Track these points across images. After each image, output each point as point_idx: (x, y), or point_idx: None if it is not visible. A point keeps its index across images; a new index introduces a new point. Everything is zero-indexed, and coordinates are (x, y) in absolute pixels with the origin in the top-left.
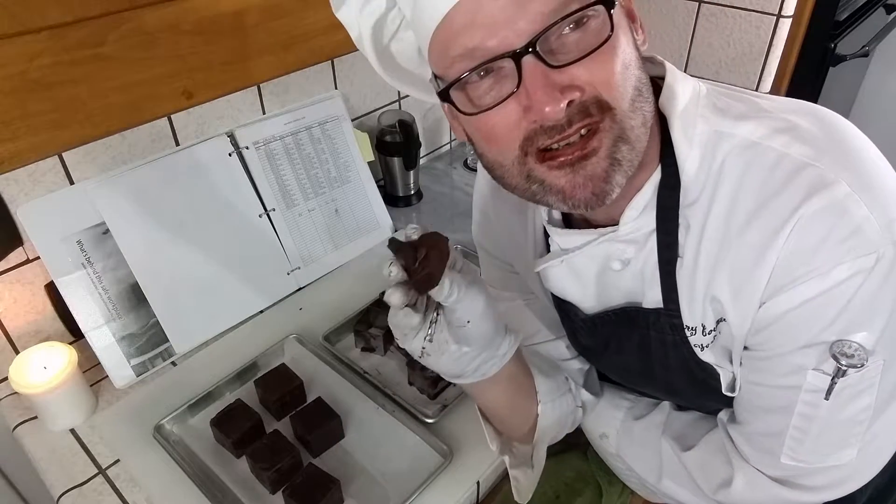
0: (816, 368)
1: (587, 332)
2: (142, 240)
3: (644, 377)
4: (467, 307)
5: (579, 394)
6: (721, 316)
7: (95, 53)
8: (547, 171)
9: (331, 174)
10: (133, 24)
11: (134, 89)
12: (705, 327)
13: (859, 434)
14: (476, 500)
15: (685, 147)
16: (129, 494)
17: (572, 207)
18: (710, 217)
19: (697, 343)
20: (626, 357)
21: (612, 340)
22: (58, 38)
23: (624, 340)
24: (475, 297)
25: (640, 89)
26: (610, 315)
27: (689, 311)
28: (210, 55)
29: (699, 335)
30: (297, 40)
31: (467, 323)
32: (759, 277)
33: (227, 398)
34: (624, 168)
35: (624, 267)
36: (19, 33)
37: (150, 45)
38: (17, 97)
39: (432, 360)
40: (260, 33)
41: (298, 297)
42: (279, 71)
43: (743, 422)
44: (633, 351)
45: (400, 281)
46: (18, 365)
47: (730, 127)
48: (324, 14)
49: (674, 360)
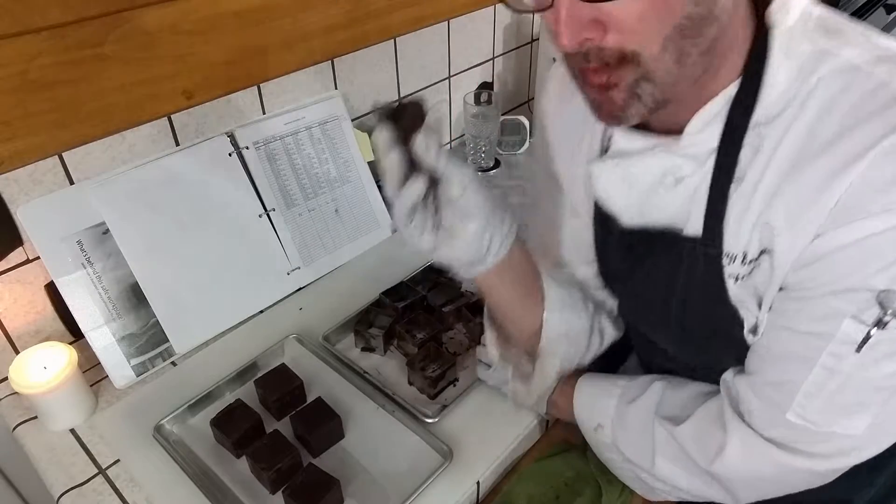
0: (855, 316)
1: (619, 252)
2: (142, 240)
3: (661, 316)
4: (456, 173)
5: (600, 321)
6: (767, 246)
7: (95, 53)
8: (582, 81)
9: (331, 174)
10: (133, 24)
11: (134, 89)
12: (746, 256)
13: (878, 403)
14: (476, 500)
15: (780, 60)
16: (129, 494)
17: (598, 120)
18: (787, 136)
19: (733, 273)
20: (649, 288)
21: (640, 266)
22: (58, 38)
23: (652, 268)
24: (462, 166)
25: (684, 27)
26: (648, 234)
27: (735, 235)
28: (210, 55)
29: (737, 264)
30: (297, 40)
31: (464, 192)
32: (823, 206)
33: (227, 398)
34: (644, 101)
35: (677, 184)
36: (19, 33)
37: (150, 45)
38: (17, 97)
39: (446, 250)
40: (260, 33)
41: (298, 297)
42: (279, 71)
43: (755, 371)
44: (659, 281)
45: (393, 146)
46: (18, 365)
47: (835, 48)
48: (324, 14)
49: (698, 297)
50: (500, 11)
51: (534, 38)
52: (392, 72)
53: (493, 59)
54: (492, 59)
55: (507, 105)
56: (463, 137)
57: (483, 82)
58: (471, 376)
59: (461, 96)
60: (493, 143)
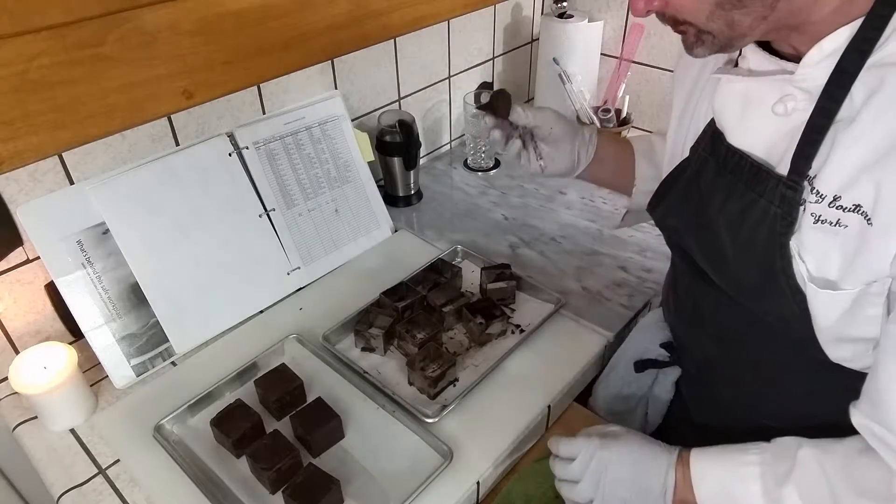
0: None
1: (710, 174)
2: (142, 240)
3: (718, 257)
4: (543, 120)
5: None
6: (866, 208)
7: (95, 53)
8: None
9: (331, 174)
10: (133, 24)
11: (134, 89)
12: (838, 199)
13: None
14: (476, 500)
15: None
16: (129, 494)
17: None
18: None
19: (816, 212)
20: (719, 220)
21: (720, 193)
22: (58, 38)
23: (729, 199)
24: (545, 113)
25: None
26: (741, 162)
27: (834, 174)
28: (210, 55)
29: (824, 205)
30: (297, 40)
31: (551, 130)
32: None
33: (227, 398)
34: (708, 46)
35: (789, 113)
36: (19, 33)
37: (150, 45)
38: (17, 97)
39: (552, 166)
40: (260, 33)
41: (298, 297)
42: (279, 71)
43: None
44: (732, 215)
45: (494, 125)
46: (18, 365)
47: None
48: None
49: (764, 239)
50: (500, 11)
51: (534, 38)
52: (392, 72)
53: (493, 59)
54: (492, 59)
55: None
56: (463, 137)
57: (483, 82)
58: (471, 376)
59: (461, 96)
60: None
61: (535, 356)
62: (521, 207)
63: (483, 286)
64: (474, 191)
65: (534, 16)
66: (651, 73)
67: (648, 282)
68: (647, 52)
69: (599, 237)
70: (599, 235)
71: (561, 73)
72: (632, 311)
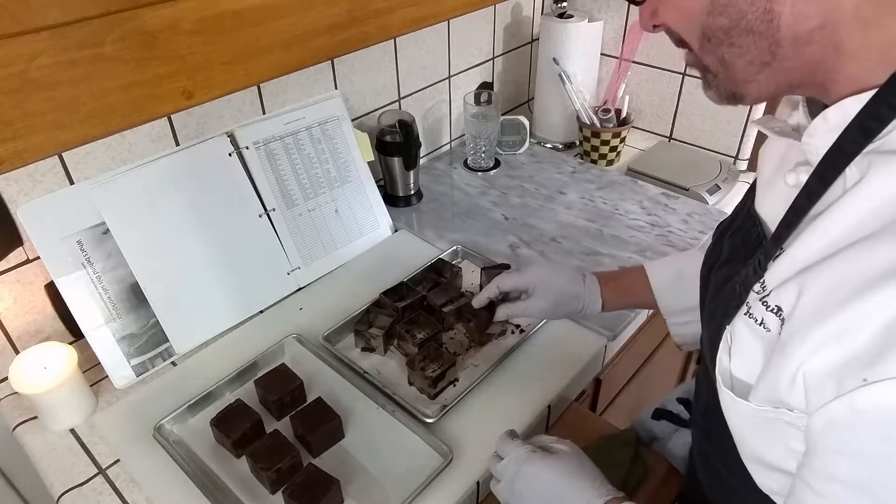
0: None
1: (733, 231)
2: (142, 240)
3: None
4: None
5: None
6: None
7: (95, 53)
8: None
9: (331, 174)
10: (133, 24)
11: (134, 89)
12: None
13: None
14: (476, 500)
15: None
16: (129, 494)
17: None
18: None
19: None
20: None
21: (724, 255)
22: (58, 38)
23: (725, 264)
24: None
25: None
26: (755, 230)
27: (781, 267)
28: (210, 55)
29: (757, 298)
30: (297, 40)
31: (522, 295)
32: (862, 320)
33: (227, 398)
34: (712, 87)
35: (797, 186)
36: (19, 33)
37: (150, 45)
38: (17, 97)
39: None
40: (260, 33)
41: (298, 297)
42: (279, 71)
43: None
44: (718, 280)
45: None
46: (18, 365)
47: None
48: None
49: (719, 317)
50: (500, 11)
51: (534, 38)
52: (392, 72)
53: (493, 59)
54: (492, 59)
55: (507, 105)
56: (463, 137)
57: (483, 82)
58: (471, 376)
59: (461, 96)
60: (493, 143)
61: (535, 356)
62: (521, 207)
63: (483, 286)
64: (474, 191)
65: (534, 16)
66: (651, 73)
67: None
68: (647, 52)
69: (599, 237)
70: (599, 235)
71: (561, 72)
72: (632, 311)
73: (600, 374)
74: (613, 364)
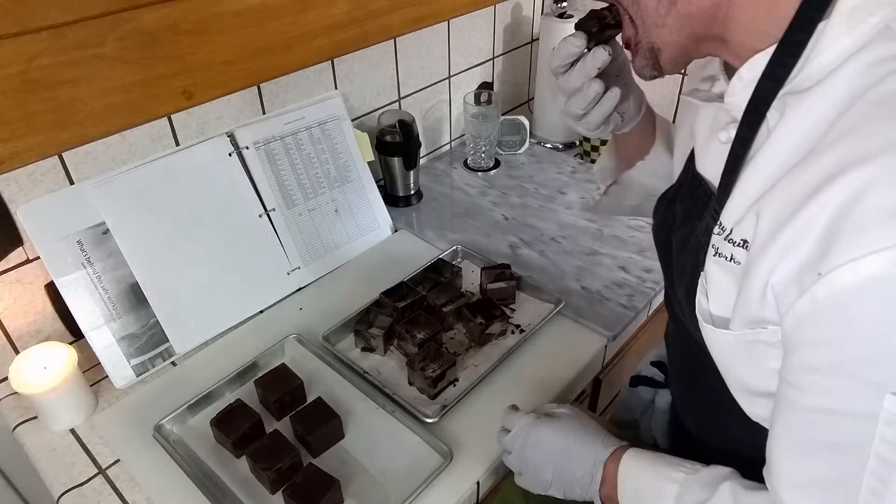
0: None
1: (680, 197)
2: (142, 240)
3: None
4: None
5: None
6: (748, 239)
7: (95, 53)
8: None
9: (331, 174)
10: (133, 24)
11: (134, 89)
12: (732, 234)
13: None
14: (476, 500)
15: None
16: (129, 494)
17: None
18: (809, 116)
19: (715, 244)
20: (672, 243)
21: (680, 216)
22: (58, 38)
23: (682, 224)
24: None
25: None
26: (702, 188)
27: (734, 209)
28: (210, 55)
29: (722, 238)
30: (297, 40)
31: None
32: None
33: (227, 398)
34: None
35: (728, 142)
36: (19, 33)
37: (150, 45)
38: (17, 97)
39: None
40: (260, 33)
41: (298, 297)
42: (279, 71)
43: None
44: (679, 240)
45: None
46: (18, 365)
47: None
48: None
49: (690, 268)
50: (500, 11)
51: (534, 38)
52: (392, 72)
53: (493, 59)
54: (492, 59)
55: (507, 105)
56: (463, 137)
57: (483, 82)
58: (471, 376)
59: (461, 96)
60: (493, 143)
61: (535, 356)
62: (521, 207)
63: (483, 286)
64: (474, 191)
65: (534, 16)
66: None
67: (648, 282)
68: None
69: (599, 237)
70: (599, 235)
71: None
72: (632, 311)
73: (600, 374)
74: (613, 364)
